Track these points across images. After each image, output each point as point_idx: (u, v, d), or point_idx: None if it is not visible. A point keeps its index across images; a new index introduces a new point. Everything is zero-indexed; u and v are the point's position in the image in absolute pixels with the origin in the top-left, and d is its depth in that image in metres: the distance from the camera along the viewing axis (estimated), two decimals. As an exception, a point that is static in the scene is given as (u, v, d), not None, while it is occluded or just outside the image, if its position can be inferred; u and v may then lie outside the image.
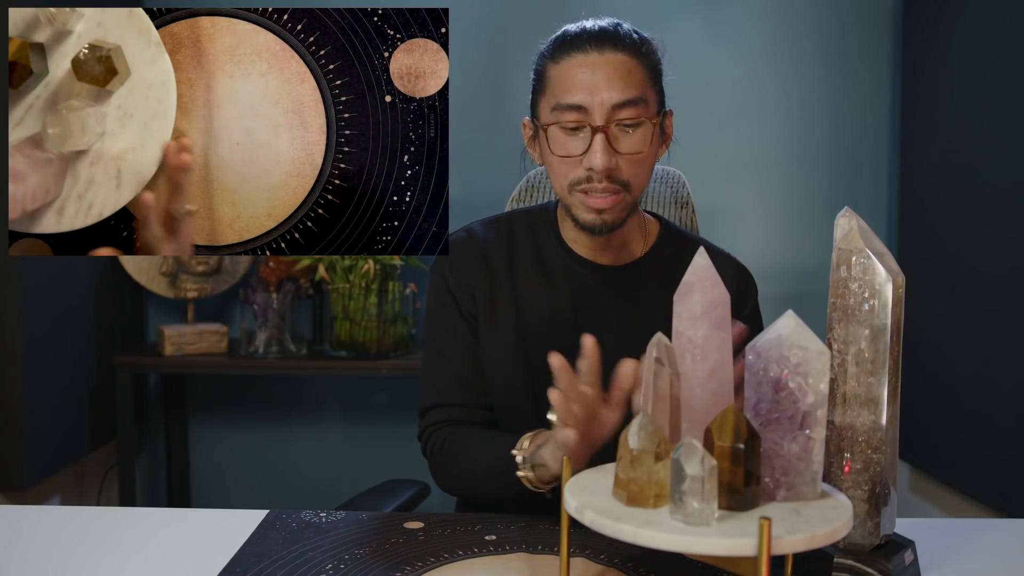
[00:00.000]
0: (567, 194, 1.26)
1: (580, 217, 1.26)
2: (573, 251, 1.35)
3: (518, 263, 1.36)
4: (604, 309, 1.33)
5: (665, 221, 1.42)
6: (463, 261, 1.36)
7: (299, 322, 2.79)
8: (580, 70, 1.23)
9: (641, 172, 1.25)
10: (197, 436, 3.03)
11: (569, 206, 1.27)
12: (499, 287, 1.35)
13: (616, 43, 1.24)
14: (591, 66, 1.22)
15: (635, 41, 1.26)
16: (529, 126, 1.32)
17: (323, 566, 1.04)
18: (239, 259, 2.79)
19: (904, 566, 0.99)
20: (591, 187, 1.23)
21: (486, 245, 1.36)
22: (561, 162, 1.24)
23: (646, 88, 1.24)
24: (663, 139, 1.30)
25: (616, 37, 1.24)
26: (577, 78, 1.22)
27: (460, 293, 1.35)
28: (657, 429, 0.81)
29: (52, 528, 1.19)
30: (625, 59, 1.23)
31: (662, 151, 1.32)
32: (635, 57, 1.24)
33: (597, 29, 1.25)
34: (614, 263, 1.35)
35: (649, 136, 1.24)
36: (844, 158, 2.86)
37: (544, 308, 1.33)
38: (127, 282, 2.81)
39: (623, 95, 1.21)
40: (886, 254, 0.97)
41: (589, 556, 1.06)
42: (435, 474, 1.34)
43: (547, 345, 1.23)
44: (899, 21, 2.80)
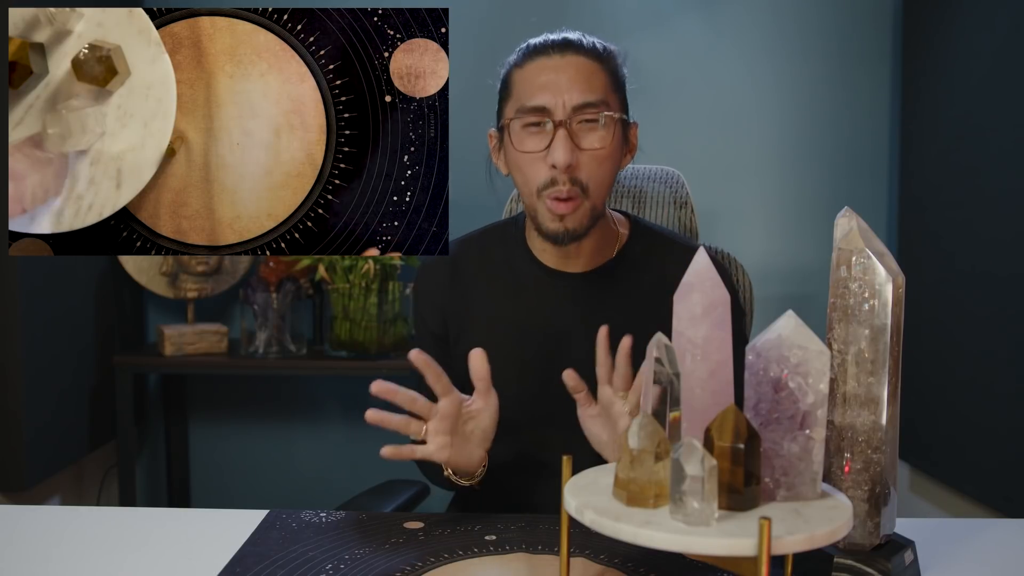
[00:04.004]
0: (536, 200, 1.26)
1: (544, 226, 1.27)
2: (541, 262, 1.36)
3: (488, 279, 1.37)
4: (573, 318, 1.33)
5: (635, 219, 1.41)
6: (432, 283, 1.40)
7: (299, 322, 2.79)
8: (543, 73, 1.25)
9: (601, 174, 1.25)
10: (197, 436, 3.03)
11: (535, 215, 1.28)
12: (469, 304, 1.37)
13: (578, 49, 1.26)
14: (553, 69, 1.25)
15: (596, 48, 1.28)
16: (495, 137, 1.34)
17: (323, 566, 1.04)
18: (239, 259, 2.79)
19: (904, 566, 0.99)
20: (556, 190, 1.23)
21: (457, 264, 1.39)
22: (526, 162, 1.25)
23: (608, 92, 1.26)
24: (627, 149, 1.32)
25: (578, 44, 1.27)
26: (540, 80, 1.25)
27: (428, 314, 1.39)
28: (657, 429, 0.81)
29: (52, 528, 1.19)
30: (587, 63, 1.26)
31: (627, 161, 1.33)
32: (597, 62, 1.27)
33: (560, 38, 1.28)
34: (584, 270, 1.35)
35: (610, 136, 1.25)
36: (844, 158, 2.86)
37: (513, 321, 1.35)
38: (127, 282, 2.81)
39: (584, 97, 1.23)
40: (886, 254, 0.97)
41: (589, 556, 1.06)
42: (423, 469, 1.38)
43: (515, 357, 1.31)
44: (899, 21, 2.80)
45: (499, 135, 1.32)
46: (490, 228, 1.44)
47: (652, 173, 1.63)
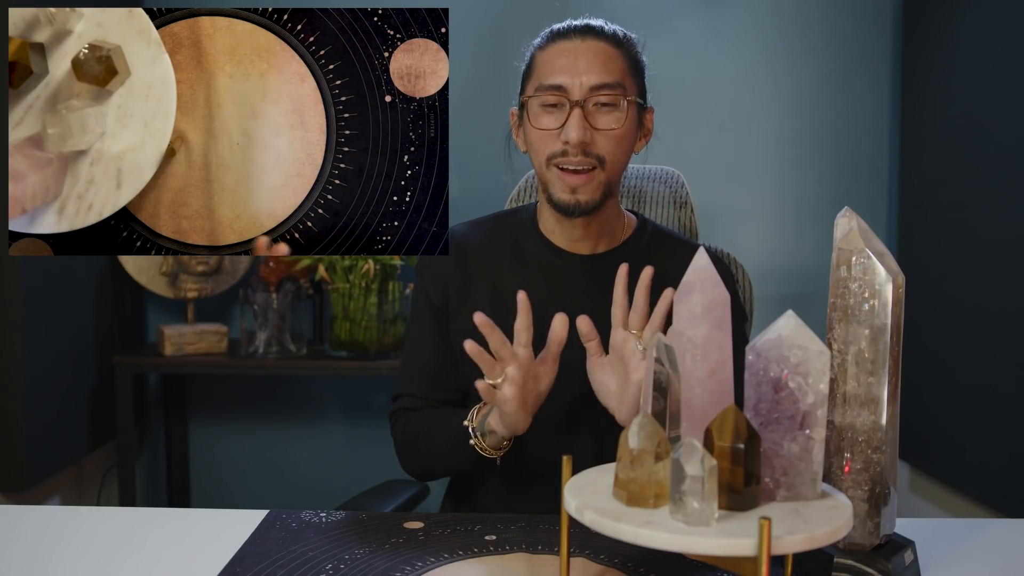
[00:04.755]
0: (545, 170, 1.30)
1: (556, 196, 1.30)
2: (551, 242, 1.39)
3: (495, 257, 1.40)
4: (579, 296, 1.35)
5: (643, 216, 1.46)
6: (438, 259, 1.40)
7: (299, 322, 2.79)
8: (563, 55, 1.30)
9: (617, 152, 1.29)
10: (197, 436, 3.03)
11: (547, 184, 1.31)
12: (475, 281, 1.39)
13: (599, 34, 1.32)
14: (573, 51, 1.29)
15: (617, 34, 1.33)
16: (515, 115, 1.38)
17: (323, 566, 1.04)
18: (239, 259, 2.79)
19: (904, 566, 0.99)
20: (566, 160, 1.27)
21: (464, 242, 1.41)
22: (540, 137, 1.30)
23: (625, 76, 1.30)
24: (642, 133, 1.36)
25: (599, 29, 1.32)
26: (560, 62, 1.29)
27: (432, 291, 1.40)
28: (657, 429, 0.81)
29: (52, 528, 1.19)
30: (606, 47, 1.30)
31: (641, 145, 1.37)
32: (615, 47, 1.31)
33: (582, 23, 1.33)
34: (592, 252, 1.38)
35: (625, 117, 1.29)
36: (844, 158, 2.86)
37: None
38: (127, 282, 2.81)
39: (601, 78, 1.27)
40: (886, 254, 0.97)
41: (589, 556, 1.06)
42: (400, 458, 1.39)
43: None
44: (899, 21, 2.80)
45: (520, 113, 1.36)
46: (502, 213, 1.48)
47: (652, 173, 1.63)
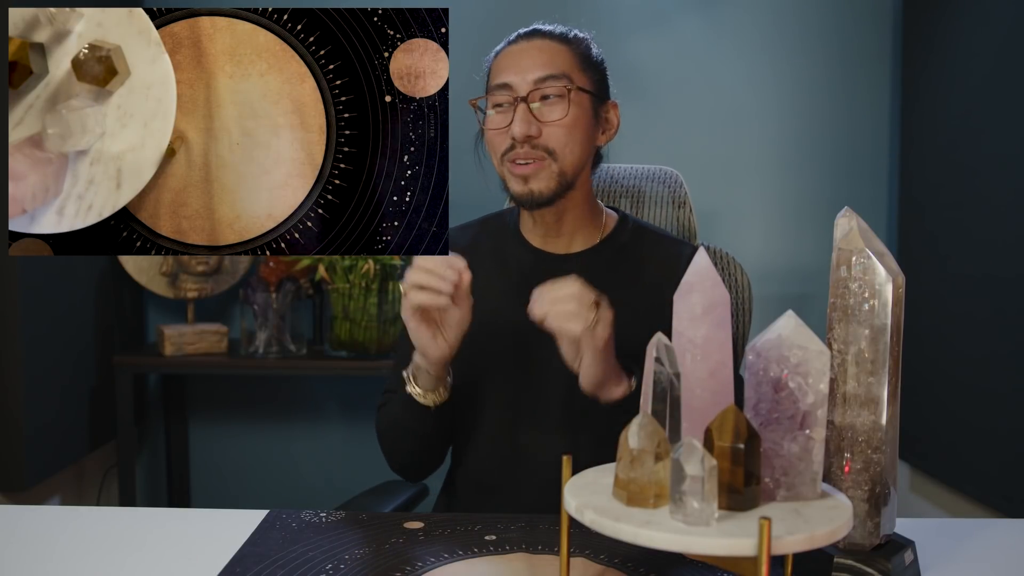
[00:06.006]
0: (501, 167, 1.35)
1: (513, 190, 1.35)
2: (527, 241, 1.43)
3: (479, 257, 1.42)
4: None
5: (625, 214, 1.47)
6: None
7: (299, 322, 2.79)
8: (510, 56, 1.36)
9: (569, 143, 1.32)
10: (197, 436, 3.03)
11: (505, 181, 1.36)
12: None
13: (544, 34, 1.37)
14: (519, 52, 1.36)
15: (563, 32, 1.38)
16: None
17: (323, 566, 1.04)
18: (239, 259, 2.79)
19: (904, 566, 0.99)
20: (515, 154, 1.32)
21: (454, 242, 1.45)
22: (492, 137, 1.35)
23: (572, 69, 1.33)
24: (605, 127, 1.39)
25: (544, 31, 1.38)
26: (506, 63, 1.36)
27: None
28: (657, 429, 0.81)
29: (52, 528, 1.19)
30: (551, 44, 1.35)
31: (603, 138, 1.39)
32: (561, 43, 1.36)
33: (530, 28, 1.39)
34: (567, 251, 1.41)
35: (571, 106, 1.31)
36: (844, 158, 2.86)
37: (497, 296, 1.40)
38: (127, 282, 2.81)
39: (545, 71, 1.32)
40: (886, 254, 0.97)
41: (589, 556, 1.06)
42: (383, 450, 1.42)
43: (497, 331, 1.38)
44: (899, 21, 2.80)
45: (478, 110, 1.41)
46: (489, 216, 1.52)
47: (651, 173, 1.63)
